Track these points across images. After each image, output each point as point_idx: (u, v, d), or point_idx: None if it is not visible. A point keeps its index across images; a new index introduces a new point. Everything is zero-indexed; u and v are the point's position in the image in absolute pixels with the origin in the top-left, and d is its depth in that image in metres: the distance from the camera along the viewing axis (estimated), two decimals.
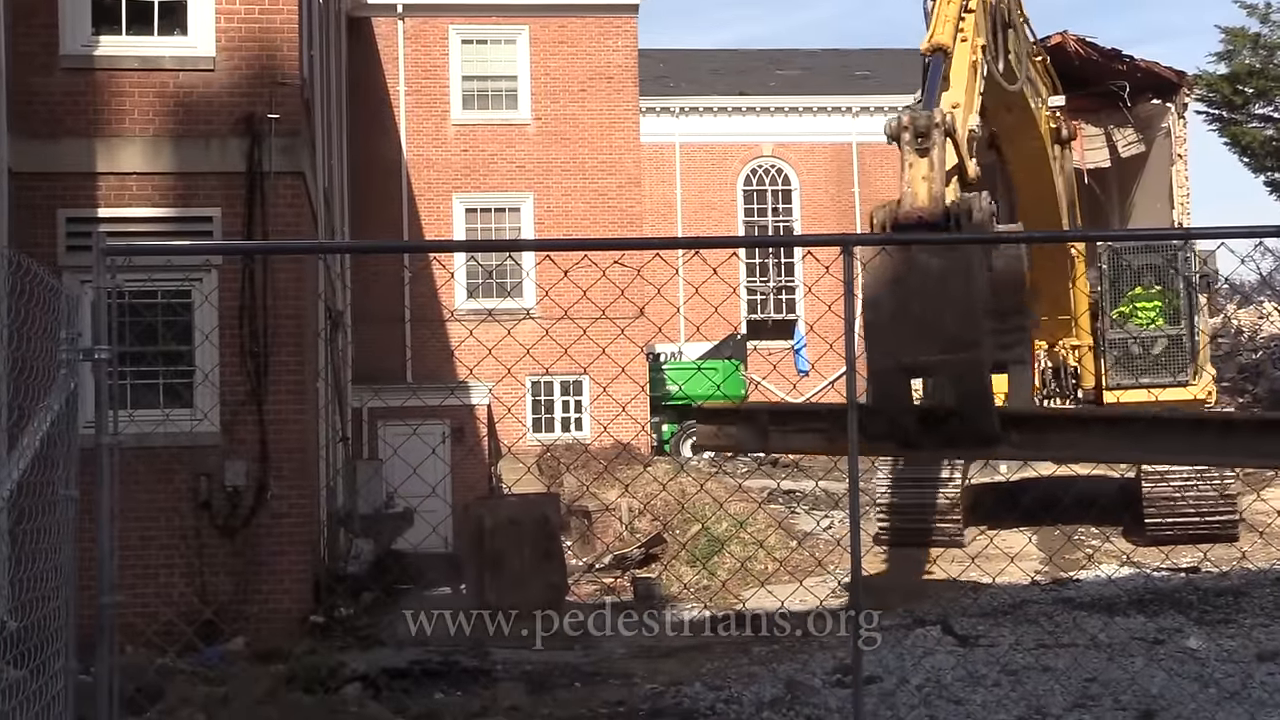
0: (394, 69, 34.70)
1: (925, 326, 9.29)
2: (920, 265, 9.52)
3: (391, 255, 32.37)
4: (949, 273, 9.46)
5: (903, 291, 9.43)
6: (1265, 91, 35.48)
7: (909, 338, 9.35)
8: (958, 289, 9.43)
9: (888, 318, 9.43)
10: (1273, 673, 11.50)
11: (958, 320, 9.34)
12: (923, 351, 9.39)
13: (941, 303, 9.37)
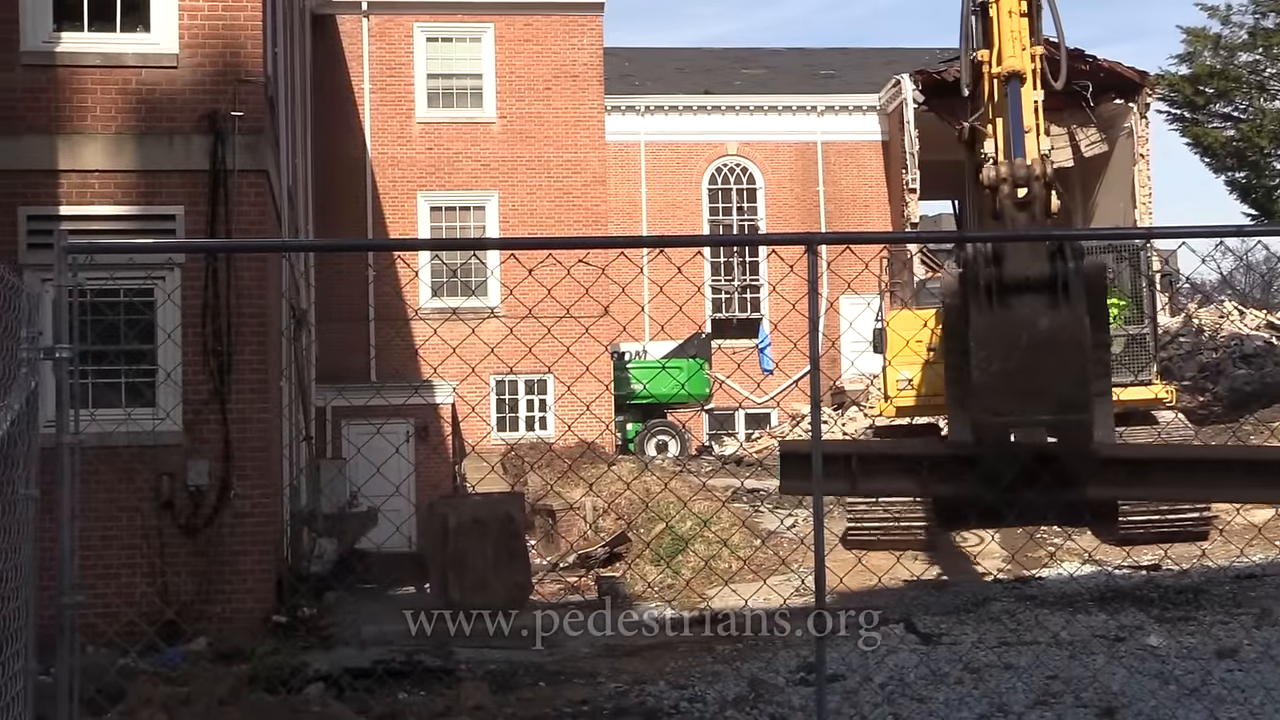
0: (358, 67, 34.63)
1: (1035, 386, 9.31)
2: (1032, 324, 9.49)
3: (356, 254, 32.35)
4: (1059, 332, 9.45)
5: (1013, 351, 9.41)
6: (1226, 92, 35.77)
7: (1018, 397, 9.33)
8: (1069, 350, 9.44)
9: (997, 376, 9.41)
10: (1232, 669, 11.58)
11: (1069, 382, 9.38)
12: (1032, 411, 9.39)
13: (1054, 364, 9.39)
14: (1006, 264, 9.72)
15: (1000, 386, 9.36)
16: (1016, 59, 13.40)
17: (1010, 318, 9.46)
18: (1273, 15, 35.22)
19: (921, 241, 45.32)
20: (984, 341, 9.45)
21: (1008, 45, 13.57)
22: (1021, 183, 11.09)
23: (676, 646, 14.84)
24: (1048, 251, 9.82)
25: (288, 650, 13.68)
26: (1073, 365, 9.42)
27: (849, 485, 9.61)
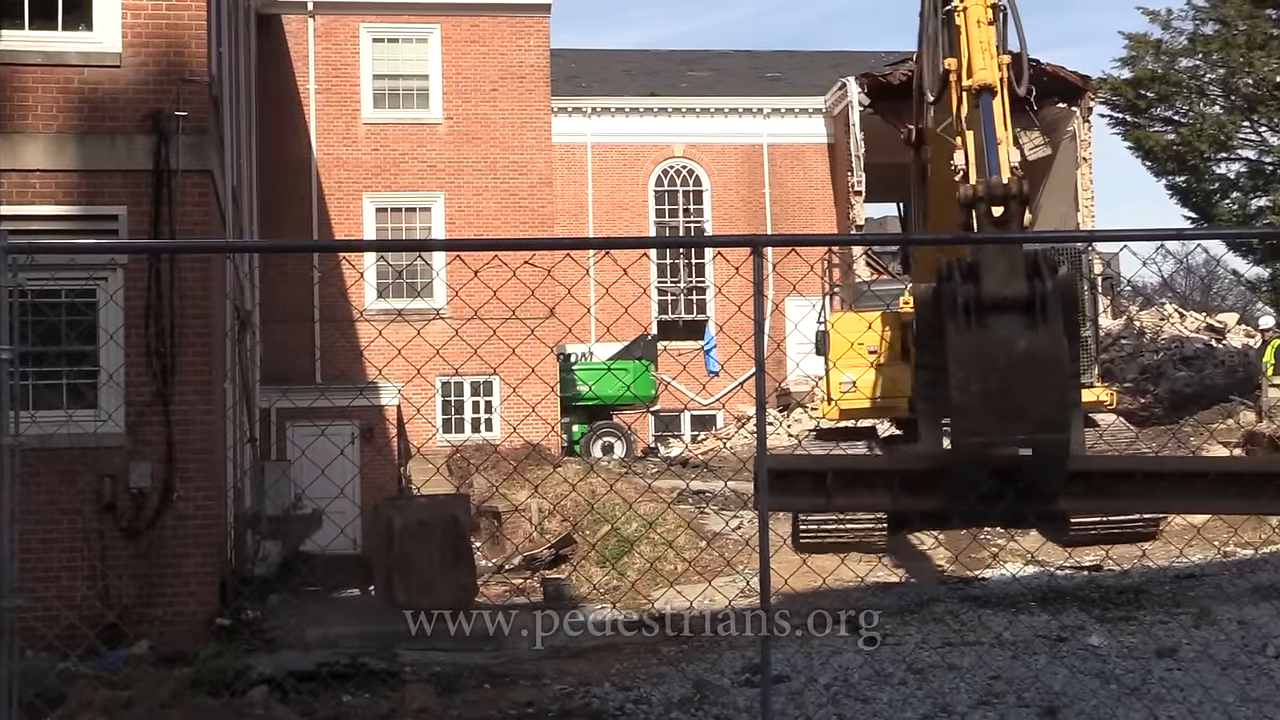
0: (304, 67, 34.49)
1: (1015, 406, 9.33)
2: (1010, 345, 9.52)
3: (301, 255, 32.21)
4: (1038, 353, 9.49)
5: (992, 371, 9.42)
6: (1167, 96, 36.03)
7: (997, 417, 9.33)
8: (1049, 370, 9.48)
9: (977, 397, 9.41)
10: (1171, 668, 11.69)
11: (1048, 403, 9.41)
12: (1011, 431, 9.37)
13: (1033, 384, 9.41)
14: (984, 283, 9.71)
15: (980, 407, 9.39)
16: (988, 71, 13.28)
17: (989, 338, 9.49)
18: (1212, 22, 35.53)
19: (866, 244, 45.52)
20: (963, 362, 9.48)
21: (978, 57, 13.45)
22: (998, 201, 11.06)
23: (622, 648, 14.84)
24: (1025, 270, 9.81)
25: (231, 653, 13.59)
26: (1051, 385, 9.48)
27: (824, 500, 9.63)
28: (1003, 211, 10.97)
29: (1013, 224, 10.96)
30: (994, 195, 11.07)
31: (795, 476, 9.40)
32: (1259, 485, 9.07)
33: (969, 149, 13.21)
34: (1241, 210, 35.12)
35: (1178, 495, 9.48)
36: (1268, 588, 16.16)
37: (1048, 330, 9.47)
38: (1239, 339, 42.02)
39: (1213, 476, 9.33)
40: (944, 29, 14.52)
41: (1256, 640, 12.89)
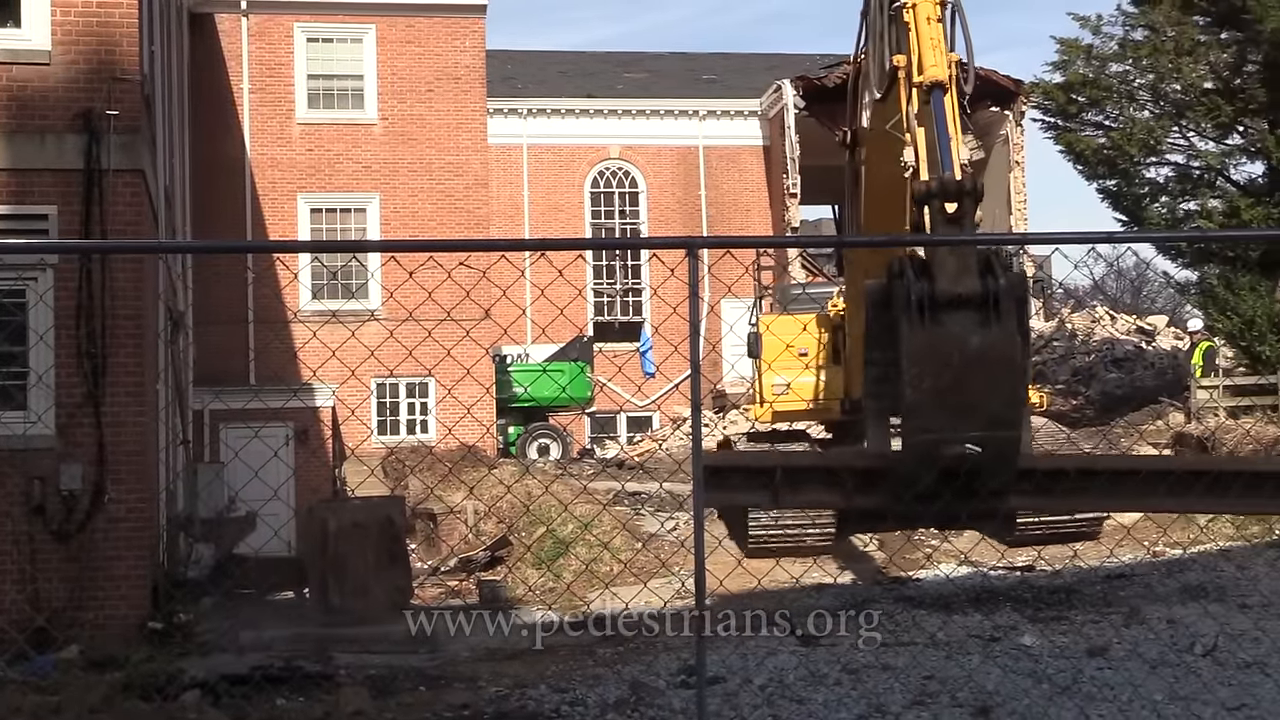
0: (237, 66, 34.24)
1: (967, 404, 9.26)
2: (963, 342, 9.44)
3: (234, 255, 31.96)
4: (991, 350, 9.41)
5: (945, 368, 9.33)
6: (1097, 101, 36.32)
7: (950, 415, 9.24)
8: (1002, 367, 9.41)
9: (929, 394, 9.32)
10: (1102, 667, 11.83)
11: (1001, 400, 9.35)
12: (963, 428, 9.29)
13: (986, 381, 9.33)
14: (937, 280, 9.61)
15: (932, 404, 9.32)
16: (939, 68, 13.21)
17: (942, 335, 9.42)
18: (1141, 28, 35.89)
19: (801, 246, 45.70)
20: (916, 359, 9.39)
21: (928, 54, 13.38)
22: (952, 197, 10.93)
23: (558, 650, 14.84)
24: (978, 268, 9.73)
25: (163, 657, 13.49)
26: (1004, 383, 9.42)
27: (772, 498, 9.38)
28: (956, 208, 10.89)
29: (966, 220, 10.89)
30: (948, 191, 10.98)
31: (739, 473, 9.33)
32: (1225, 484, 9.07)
33: (919, 146, 13.18)
34: (1170, 214, 35.47)
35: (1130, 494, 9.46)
36: (1196, 587, 16.36)
37: (1001, 328, 9.44)
38: (1168, 341, 42.54)
39: (1176, 475, 9.29)
40: (891, 26, 14.43)
41: (1185, 639, 13.06)
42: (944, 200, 10.85)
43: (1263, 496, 8.68)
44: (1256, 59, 34.28)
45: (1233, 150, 35.12)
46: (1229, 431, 23.20)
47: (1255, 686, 10.86)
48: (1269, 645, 12.22)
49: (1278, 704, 10.17)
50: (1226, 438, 22.70)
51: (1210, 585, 16.53)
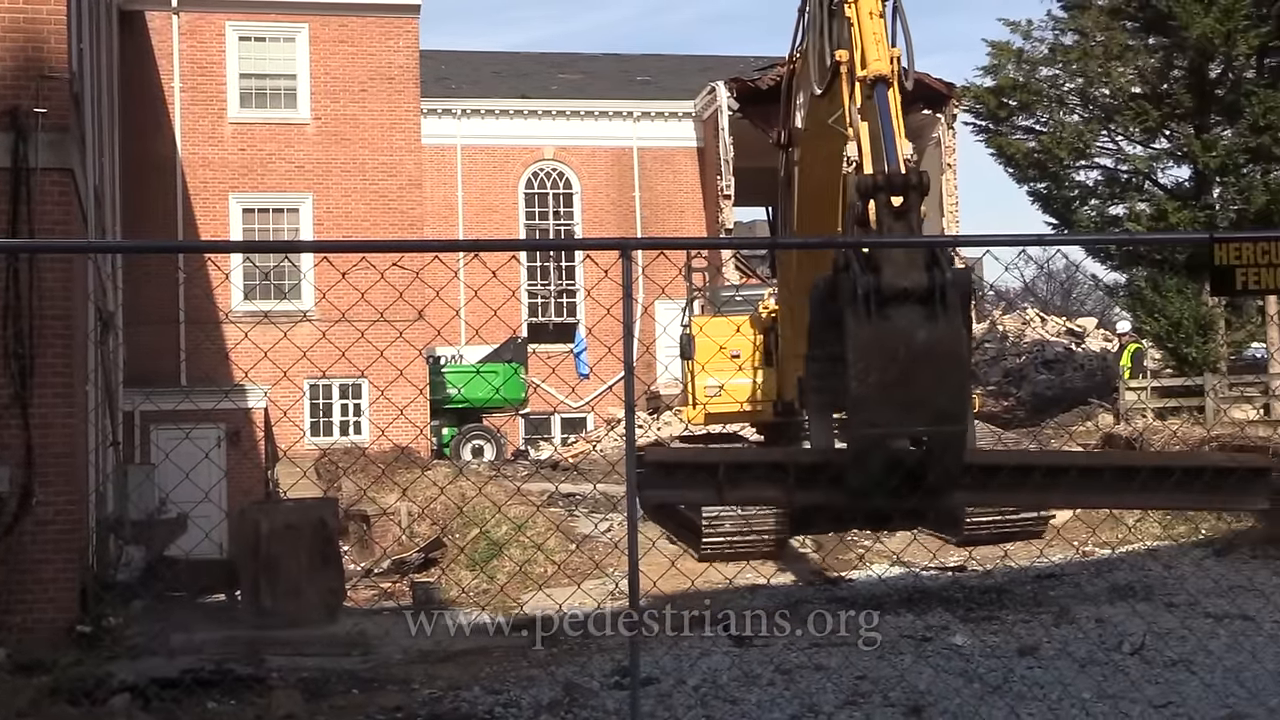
0: (168, 65, 33.98)
1: (913, 398, 9.19)
2: (910, 337, 9.33)
3: (165, 256, 31.73)
4: (937, 345, 9.32)
5: (891, 363, 9.22)
6: (1028, 104, 36.70)
7: (895, 410, 9.18)
8: (948, 361, 9.34)
9: (875, 388, 9.22)
10: (1032, 666, 11.93)
11: (947, 395, 9.27)
12: (909, 423, 9.30)
13: (932, 375, 9.25)
14: (884, 274, 9.50)
15: (878, 398, 9.23)
16: (882, 62, 13.08)
17: (888, 329, 9.32)
18: (1071, 33, 36.28)
19: (734, 247, 45.80)
20: (862, 353, 9.28)
21: (871, 48, 13.24)
22: (898, 191, 10.81)
23: (492, 651, 14.80)
24: (924, 262, 9.67)
25: (92, 661, 13.35)
26: (950, 377, 9.36)
27: (716, 494, 9.39)
28: (902, 201, 10.76)
29: (912, 214, 10.76)
30: (893, 185, 10.86)
31: (683, 469, 9.32)
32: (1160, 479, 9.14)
33: (863, 141, 13.14)
34: (1100, 217, 35.89)
35: (1080, 490, 9.45)
36: (1124, 587, 16.54)
37: (947, 322, 9.38)
38: (1098, 343, 43.00)
39: (1111, 471, 9.38)
40: (832, 21, 14.28)
41: (1113, 638, 13.20)
42: (890, 194, 10.78)
43: (1194, 492, 8.75)
44: (1182, 64, 34.77)
45: (1160, 154, 35.60)
46: (1156, 432, 23.47)
47: (1181, 684, 11.00)
48: (1195, 643, 12.37)
49: (1203, 701, 10.30)
50: (1154, 439, 22.96)
51: (1138, 584, 16.73)
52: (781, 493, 9.72)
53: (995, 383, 37.61)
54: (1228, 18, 32.07)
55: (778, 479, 9.25)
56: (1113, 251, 35.31)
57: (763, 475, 9.31)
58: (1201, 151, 33.17)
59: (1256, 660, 11.32)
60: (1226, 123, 34.35)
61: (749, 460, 9.88)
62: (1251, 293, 7.10)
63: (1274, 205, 32.30)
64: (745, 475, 9.23)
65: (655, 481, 9.23)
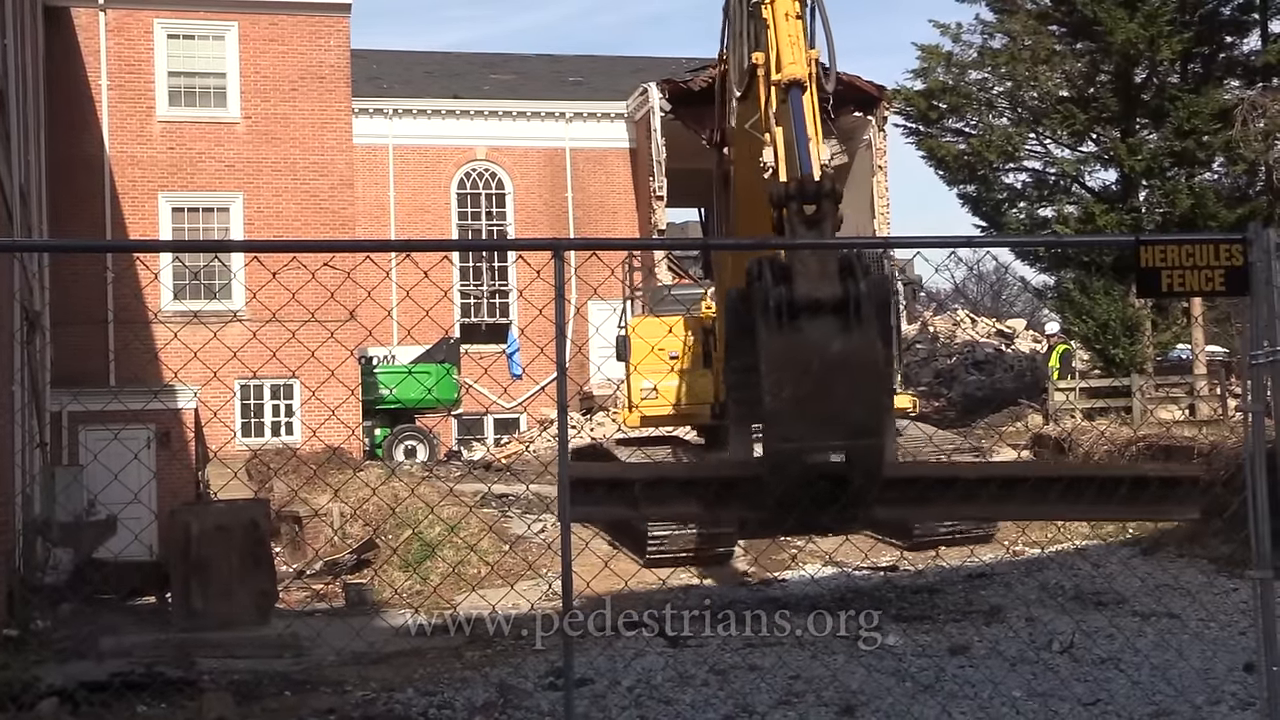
0: (95, 62, 33.61)
1: (829, 412, 8.83)
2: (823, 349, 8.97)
3: (93, 255, 31.38)
4: (852, 356, 8.96)
5: (805, 375, 8.87)
6: (957, 107, 37.02)
7: (811, 423, 8.82)
8: (864, 374, 9.01)
9: (789, 402, 8.87)
10: (963, 665, 12.04)
11: (863, 408, 8.93)
12: (825, 437, 8.92)
13: (848, 389, 8.89)
14: (796, 284, 9.16)
15: (792, 412, 8.89)
16: (797, 65, 12.84)
17: (801, 341, 9.00)
18: (1000, 36, 36.63)
19: (666, 248, 45.86)
20: (775, 365, 8.96)
21: (786, 51, 13.03)
22: (810, 199, 10.38)
23: (425, 653, 14.77)
24: (838, 271, 9.31)
25: (19, 665, 13.21)
26: (866, 390, 9.05)
27: (632, 510, 9.11)
28: (815, 210, 10.37)
29: (825, 222, 10.38)
30: (806, 192, 10.44)
31: (599, 485, 9.18)
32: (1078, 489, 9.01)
33: (779, 146, 12.88)
34: (1028, 219, 36.25)
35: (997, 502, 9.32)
36: (1054, 586, 16.72)
37: (861, 333, 9.07)
38: (1027, 344, 43.38)
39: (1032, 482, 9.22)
40: (750, 23, 14.18)
41: (1043, 637, 13.35)
42: (802, 202, 10.40)
43: (1114, 503, 8.71)
44: (1108, 69, 35.21)
45: (1087, 157, 36.01)
46: (1084, 433, 23.71)
47: (1110, 682, 11.13)
48: (1123, 642, 12.53)
49: (1131, 699, 10.44)
50: (1082, 439, 23.19)
51: (1067, 584, 16.91)
52: (701, 508, 9.44)
53: (926, 384, 37.85)
54: (1151, 23, 32.50)
55: (697, 494, 8.99)
56: (1041, 253, 35.67)
57: (681, 490, 9.00)
58: (1127, 155, 33.58)
59: (1183, 658, 11.47)
60: (1152, 127, 34.80)
61: (666, 475, 9.59)
62: (1177, 294, 7.17)
63: (1198, 208, 32.76)
64: (663, 491, 8.92)
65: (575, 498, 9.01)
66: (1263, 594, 6.66)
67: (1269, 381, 6.81)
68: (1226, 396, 27.48)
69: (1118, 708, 10.19)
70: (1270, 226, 6.90)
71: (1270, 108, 32.40)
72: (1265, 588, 6.64)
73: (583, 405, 38.07)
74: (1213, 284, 6.91)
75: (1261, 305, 6.77)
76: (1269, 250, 6.79)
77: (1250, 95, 33.69)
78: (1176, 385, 30.08)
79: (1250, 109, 32.58)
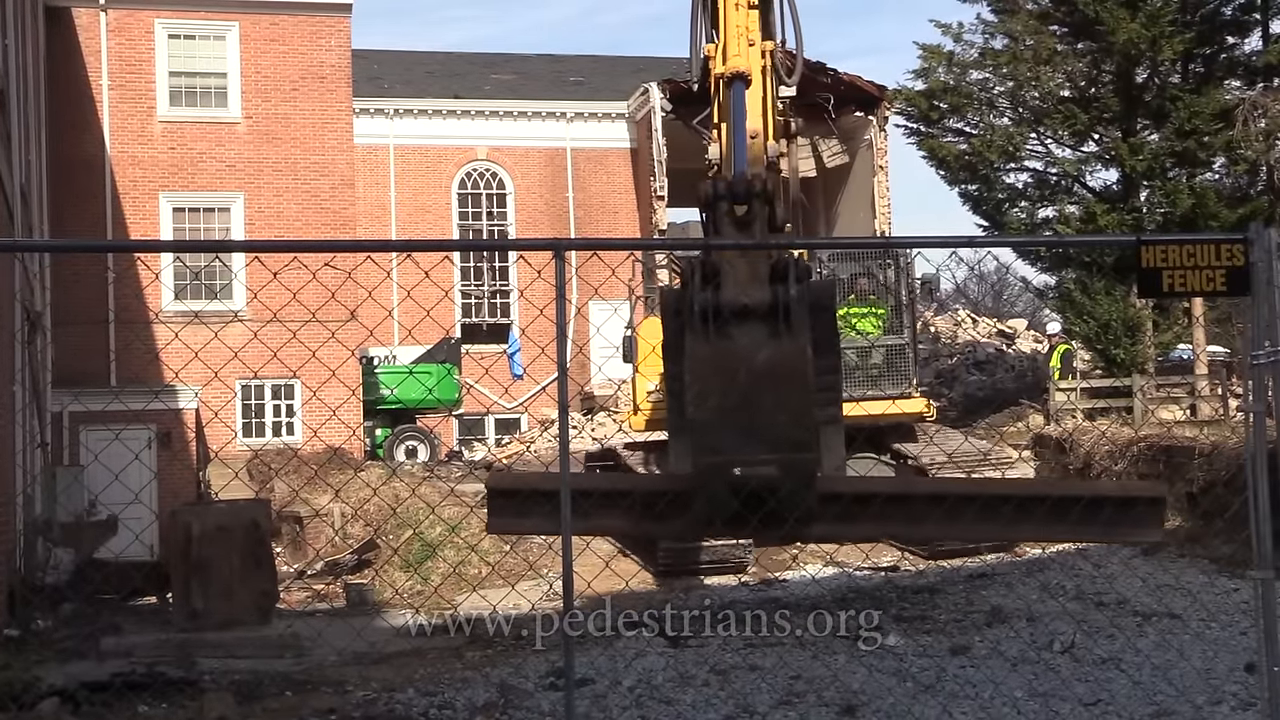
0: (96, 62, 33.62)
1: (756, 424, 8.39)
2: (750, 357, 8.50)
3: (94, 255, 31.39)
4: (780, 365, 8.49)
5: (731, 385, 8.44)
6: (958, 107, 37.02)
7: (737, 435, 8.38)
8: (792, 384, 8.51)
9: (714, 413, 8.44)
10: (964, 666, 12.03)
11: (791, 420, 8.47)
12: (753, 450, 8.43)
13: (775, 399, 8.44)
14: (724, 289, 8.67)
15: (718, 424, 8.46)
16: (741, 58, 12.32)
17: (727, 348, 8.54)
18: (1001, 36, 36.63)
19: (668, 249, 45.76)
20: (699, 374, 8.53)
21: (733, 43, 12.54)
22: (740, 199, 9.72)
23: (426, 653, 14.77)
24: (768, 275, 8.77)
25: (20, 665, 13.22)
26: (794, 401, 8.55)
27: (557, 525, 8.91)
28: (746, 210, 9.67)
29: (755, 224, 9.67)
30: (735, 192, 9.72)
31: (524, 497, 8.47)
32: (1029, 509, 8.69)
33: (722, 142, 12.40)
34: (1029, 219, 36.25)
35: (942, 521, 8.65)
36: (1055, 586, 16.70)
37: (791, 340, 8.57)
38: (1028, 344, 43.37)
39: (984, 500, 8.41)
40: (704, 13, 13.77)
41: (1044, 637, 13.33)
42: (732, 202, 9.71)
43: (1068, 524, 8.43)
44: (1110, 69, 35.20)
45: (1088, 157, 35.99)
46: (1086, 433, 23.69)
47: (1110, 682, 11.12)
48: (1124, 642, 12.52)
49: (1132, 699, 10.43)
50: (1083, 439, 23.17)
51: (1069, 584, 16.89)
52: (629, 522, 9.07)
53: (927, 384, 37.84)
54: (1153, 23, 32.49)
55: (624, 507, 8.64)
56: (1042, 253, 35.66)
57: (607, 503, 8.62)
58: (1129, 155, 33.56)
59: (1183, 658, 11.47)
60: (1153, 127, 34.79)
61: (592, 487, 9.02)
62: (1178, 294, 7.15)
63: (1199, 208, 32.75)
64: (589, 503, 8.43)
65: (498, 508, 8.65)
66: (1264, 594, 6.65)
67: (1270, 381, 6.80)
68: (1228, 397, 27.46)
69: (1119, 708, 10.19)
70: (1271, 226, 6.90)
71: (1271, 108, 32.40)
72: (1266, 588, 6.63)
73: (584, 406, 38.05)
74: (1214, 284, 6.90)
75: (1262, 305, 6.76)
76: (1270, 250, 6.78)
77: (1251, 95, 33.69)
78: (1178, 385, 30.06)
79: (1251, 109, 32.58)
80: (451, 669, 13.45)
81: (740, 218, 9.67)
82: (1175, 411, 27.77)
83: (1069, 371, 29.88)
